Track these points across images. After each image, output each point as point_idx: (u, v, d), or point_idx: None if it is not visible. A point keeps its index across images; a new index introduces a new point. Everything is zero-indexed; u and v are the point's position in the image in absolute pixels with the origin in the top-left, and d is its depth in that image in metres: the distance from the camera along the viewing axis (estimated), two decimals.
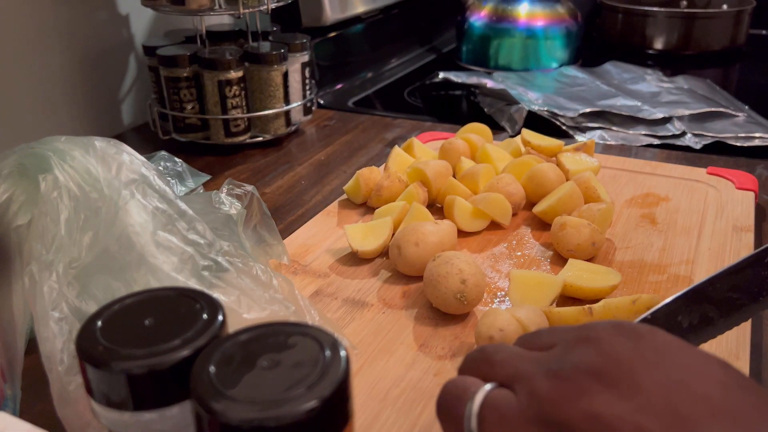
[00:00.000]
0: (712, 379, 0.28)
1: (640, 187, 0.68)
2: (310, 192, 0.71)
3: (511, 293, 0.50)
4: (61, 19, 0.78)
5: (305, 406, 0.23)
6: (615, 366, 0.29)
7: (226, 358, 0.26)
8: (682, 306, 0.43)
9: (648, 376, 0.28)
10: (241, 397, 0.24)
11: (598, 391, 0.28)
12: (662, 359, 0.29)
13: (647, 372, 0.28)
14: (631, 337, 0.30)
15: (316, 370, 0.25)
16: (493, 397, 0.31)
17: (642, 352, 0.29)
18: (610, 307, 0.46)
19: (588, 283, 0.50)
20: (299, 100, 0.84)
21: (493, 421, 0.30)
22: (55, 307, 0.35)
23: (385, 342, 0.47)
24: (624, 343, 0.30)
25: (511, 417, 0.30)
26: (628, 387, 0.28)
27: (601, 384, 0.28)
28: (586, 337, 0.31)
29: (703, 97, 0.94)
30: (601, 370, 0.29)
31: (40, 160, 0.38)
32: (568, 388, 0.29)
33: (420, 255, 0.52)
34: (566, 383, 0.29)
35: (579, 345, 0.30)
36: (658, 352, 0.29)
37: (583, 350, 0.30)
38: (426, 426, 0.40)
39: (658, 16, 1.23)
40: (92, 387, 0.27)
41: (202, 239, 0.41)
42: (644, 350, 0.29)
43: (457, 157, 0.68)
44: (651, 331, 0.31)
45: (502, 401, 0.30)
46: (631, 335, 0.30)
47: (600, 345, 0.30)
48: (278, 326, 0.27)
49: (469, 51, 1.16)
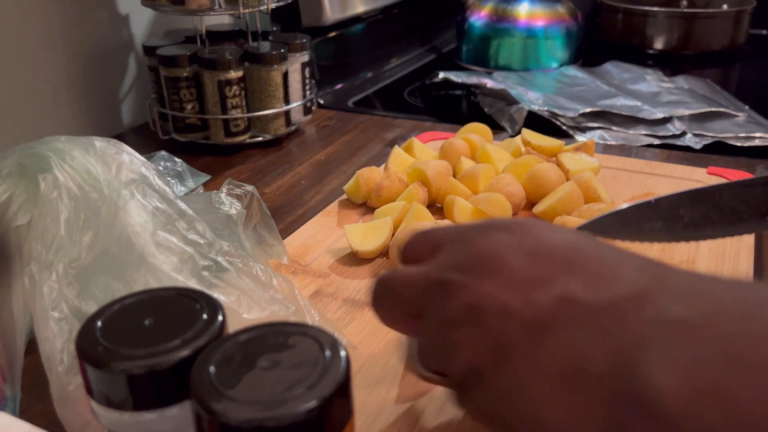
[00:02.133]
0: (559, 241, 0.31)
1: (640, 187, 0.68)
2: (310, 192, 0.71)
3: None
4: (61, 19, 0.78)
5: (305, 406, 0.23)
6: (483, 255, 0.31)
7: (226, 358, 0.26)
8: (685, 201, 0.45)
9: (510, 255, 0.30)
10: (241, 398, 0.24)
11: (472, 283, 0.30)
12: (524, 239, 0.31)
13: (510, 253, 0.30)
14: (498, 229, 0.32)
15: (316, 370, 0.25)
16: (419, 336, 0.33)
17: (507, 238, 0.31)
18: None
19: None
20: (299, 100, 0.84)
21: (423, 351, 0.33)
22: (54, 307, 0.35)
23: (385, 342, 0.47)
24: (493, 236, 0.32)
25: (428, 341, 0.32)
26: (494, 270, 0.30)
27: (474, 275, 0.30)
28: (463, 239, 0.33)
29: (703, 97, 0.94)
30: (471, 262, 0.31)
31: (39, 160, 0.38)
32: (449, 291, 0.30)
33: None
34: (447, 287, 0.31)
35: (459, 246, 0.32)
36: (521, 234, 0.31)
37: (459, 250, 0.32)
38: (426, 426, 0.40)
39: (659, 16, 1.23)
40: (92, 387, 0.27)
41: (202, 239, 0.40)
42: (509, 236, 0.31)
43: (457, 157, 0.68)
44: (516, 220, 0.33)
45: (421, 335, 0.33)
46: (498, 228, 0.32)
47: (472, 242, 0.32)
48: (278, 326, 0.27)
49: (469, 51, 1.16)
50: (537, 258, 0.30)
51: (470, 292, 0.30)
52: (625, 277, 0.28)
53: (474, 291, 0.30)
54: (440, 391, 0.42)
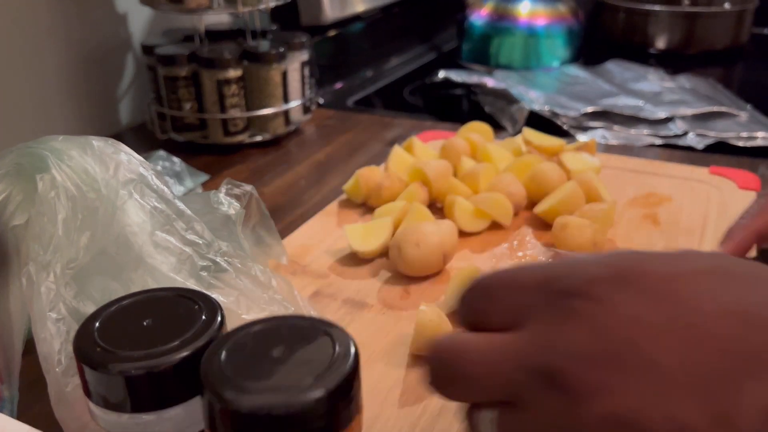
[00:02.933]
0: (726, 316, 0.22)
1: (642, 187, 0.68)
2: (310, 192, 0.71)
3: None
4: (59, 18, 0.78)
5: (313, 394, 0.23)
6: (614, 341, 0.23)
7: (237, 348, 0.26)
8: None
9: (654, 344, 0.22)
10: (251, 386, 0.24)
11: (606, 384, 0.22)
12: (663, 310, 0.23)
13: (652, 340, 0.22)
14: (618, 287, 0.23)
15: (325, 361, 0.25)
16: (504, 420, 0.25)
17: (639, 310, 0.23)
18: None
19: None
20: (298, 99, 0.84)
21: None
22: (52, 308, 0.35)
23: (385, 343, 0.46)
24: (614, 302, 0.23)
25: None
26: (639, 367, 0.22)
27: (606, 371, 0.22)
28: (568, 309, 0.24)
29: (705, 96, 0.94)
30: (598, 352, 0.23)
31: (37, 160, 0.38)
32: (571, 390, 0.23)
33: (421, 255, 0.52)
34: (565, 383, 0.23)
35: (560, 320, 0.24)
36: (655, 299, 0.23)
37: (569, 328, 0.23)
38: (426, 426, 0.39)
39: (660, 15, 1.23)
40: (90, 388, 0.27)
41: (200, 239, 0.40)
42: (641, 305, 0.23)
43: (457, 157, 0.68)
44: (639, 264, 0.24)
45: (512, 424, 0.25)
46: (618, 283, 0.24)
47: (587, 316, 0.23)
48: (289, 319, 0.28)
49: (469, 50, 1.16)
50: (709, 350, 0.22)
51: (613, 395, 0.22)
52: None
53: (620, 394, 0.22)
54: None
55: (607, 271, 0.24)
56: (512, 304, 0.25)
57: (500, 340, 0.25)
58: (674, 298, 0.23)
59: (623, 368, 0.22)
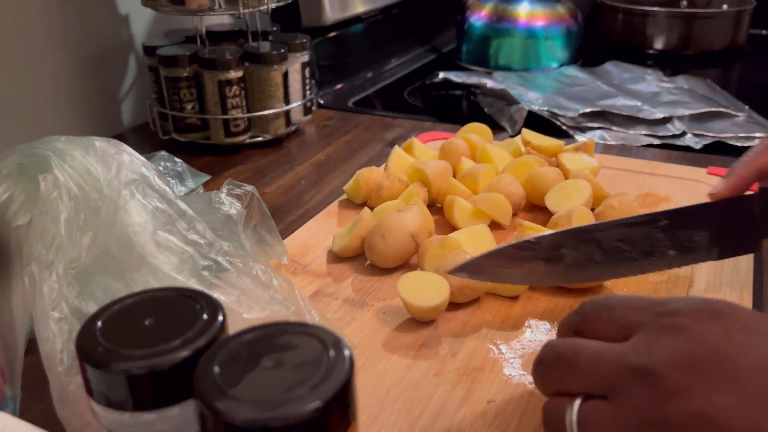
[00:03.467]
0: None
1: (640, 187, 0.68)
2: (310, 192, 0.71)
3: None
4: (61, 19, 0.78)
5: (310, 406, 0.23)
6: (707, 355, 0.28)
7: (230, 357, 0.26)
8: (567, 240, 0.44)
9: (740, 359, 0.27)
10: (245, 397, 0.24)
11: (696, 387, 0.27)
12: (748, 338, 0.28)
13: (740, 357, 0.28)
14: (714, 317, 0.29)
15: (320, 370, 0.25)
16: (587, 412, 0.30)
17: (728, 334, 0.28)
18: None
19: None
20: (299, 100, 0.84)
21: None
22: (54, 308, 0.35)
23: (385, 342, 0.47)
24: (710, 326, 0.29)
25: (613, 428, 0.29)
26: (726, 377, 0.27)
27: (698, 377, 0.27)
28: (670, 325, 0.29)
29: (703, 97, 0.94)
30: (693, 361, 0.28)
31: (39, 160, 0.38)
32: (665, 388, 0.28)
33: (388, 246, 0.53)
34: (661, 382, 0.28)
35: (664, 333, 0.29)
36: (742, 330, 0.29)
37: (670, 340, 0.29)
38: (426, 426, 0.40)
39: (659, 16, 1.23)
40: (92, 387, 0.27)
41: (202, 239, 0.40)
42: (729, 331, 0.29)
43: (457, 157, 0.68)
44: (730, 308, 0.30)
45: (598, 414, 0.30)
46: (714, 315, 0.29)
47: (687, 332, 0.29)
48: (282, 326, 0.27)
49: (469, 51, 1.16)
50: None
51: (698, 396, 0.27)
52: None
53: (704, 397, 0.27)
54: (440, 391, 0.42)
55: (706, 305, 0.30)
56: (625, 321, 0.32)
57: (611, 346, 0.31)
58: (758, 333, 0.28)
59: (712, 375, 0.27)
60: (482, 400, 0.41)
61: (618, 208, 0.57)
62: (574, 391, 0.32)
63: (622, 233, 0.45)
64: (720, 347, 0.28)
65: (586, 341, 0.32)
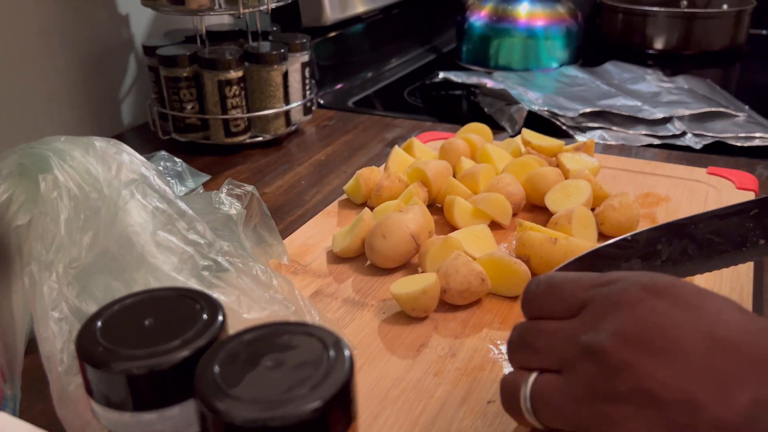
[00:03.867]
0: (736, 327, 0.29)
1: (640, 187, 0.68)
2: (310, 192, 0.71)
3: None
4: (61, 19, 0.78)
5: (310, 406, 0.23)
6: (650, 331, 0.29)
7: (230, 357, 0.26)
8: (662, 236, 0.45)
9: (681, 335, 0.29)
10: (245, 397, 0.24)
11: (639, 363, 0.29)
12: (691, 314, 0.30)
13: (680, 331, 0.29)
14: (658, 294, 0.30)
15: (320, 369, 0.25)
16: (539, 384, 0.33)
17: (671, 311, 0.30)
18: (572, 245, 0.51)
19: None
20: (299, 100, 0.84)
21: (546, 407, 0.32)
22: (54, 307, 0.35)
23: (385, 342, 0.47)
24: (654, 303, 0.30)
25: (562, 400, 0.31)
26: (667, 351, 0.29)
27: (641, 353, 0.29)
28: (617, 302, 0.31)
29: (703, 97, 0.94)
30: (637, 338, 0.29)
31: (40, 160, 0.38)
32: (610, 365, 0.29)
33: (388, 246, 0.53)
34: (607, 359, 0.29)
35: (611, 310, 0.31)
36: (685, 306, 0.30)
37: (616, 317, 0.30)
38: (426, 426, 0.40)
39: (659, 16, 1.23)
40: (92, 387, 0.27)
41: (202, 239, 0.40)
42: (672, 308, 0.30)
43: (457, 157, 0.68)
44: (674, 285, 0.31)
45: (549, 387, 0.32)
46: (658, 291, 0.31)
47: (631, 309, 0.30)
48: (282, 326, 0.27)
49: (469, 51, 1.16)
50: (720, 346, 0.28)
51: (641, 372, 0.29)
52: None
53: (647, 372, 0.28)
54: (440, 391, 0.42)
55: (651, 282, 0.31)
56: (573, 299, 0.33)
57: (562, 324, 0.33)
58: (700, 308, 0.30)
59: (654, 352, 0.29)
60: (482, 400, 0.41)
61: (618, 208, 0.57)
62: (535, 368, 0.34)
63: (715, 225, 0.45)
64: (663, 323, 0.29)
65: (542, 322, 0.34)
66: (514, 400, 0.34)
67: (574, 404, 0.31)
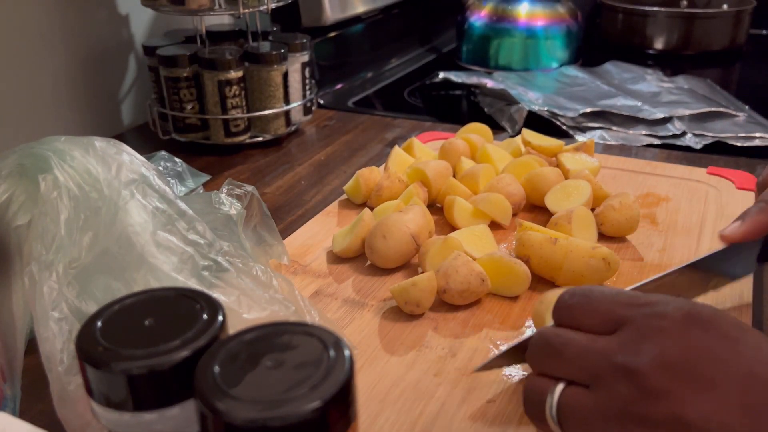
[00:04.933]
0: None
1: (640, 187, 0.68)
2: (310, 192, 0.71)
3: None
4: (61, 19, 0.78)
5: (310, 406, 0.23)
6: (691, 361, 0.29)
7: (230, 357, 0.26)
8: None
9: (722, 368, 0.29)
10: (245, 397, 0.24)
11: (677, 390, 0.29)
12: (732, 348, 0.30)
13: (721, 365, 0.29)
14: (700, 324, 0.30)
15: (320, 370, 0.25)
16: (568, 397, 0.32)
17: (713, 343, 0.30)
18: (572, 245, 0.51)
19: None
20: (299, 100, 0.84)
21: (573, 420, 0.32)
22: (54, 307, 0.35)
23: (385, 342, 0.47)
24: (696, 333, 0.30)
25: (592, 416, 0.31)
26: (706, 382, 0.29)
27: (679, 381, 0.29)
28: (658, 327, 0.31)
29: (703, 97, 0.94)
30: (677, 365, 0.29)
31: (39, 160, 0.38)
32: (647, 388, 0.29)
33: (388, 247, 0.53)
34: (644, 382, 0.29)
35: (650, 334, 0.31)
36: (727, 340, 0.30)
37: (656, 342, 0.30)
38: (426, 426, 0.40)
39: (659, 16, 1.23)
40: (92, 387, 0.27)
41: (202, 239, 0.40)
42: (714, 340, 0.30)
43: (457, 157, 0.68)
44: (716, 316, 0.31)
45: (578, 401, 0.32)
46: (700, 321, 0.31)
47: (673, 336, 0.30)
48: (282, 326, 0.27)
49: (469, 51, 1.16)
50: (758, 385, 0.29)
51: (679, 401, 0.29)
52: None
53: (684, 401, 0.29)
54: (440, 391, 0.42)
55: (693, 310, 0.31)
56: (611, 315, 0.33)
57: (596, 339, 0.32)
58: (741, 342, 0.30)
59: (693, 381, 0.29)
60: (482, 400, 0.41)
61: (618, 209, 0.57)
62: (559, 377, 0.33)
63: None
64: (704, 354, 0.29)
65: (573, 332, 0.34)
66: (539, 407, 0.34)
67: (602, 421, 0.31)
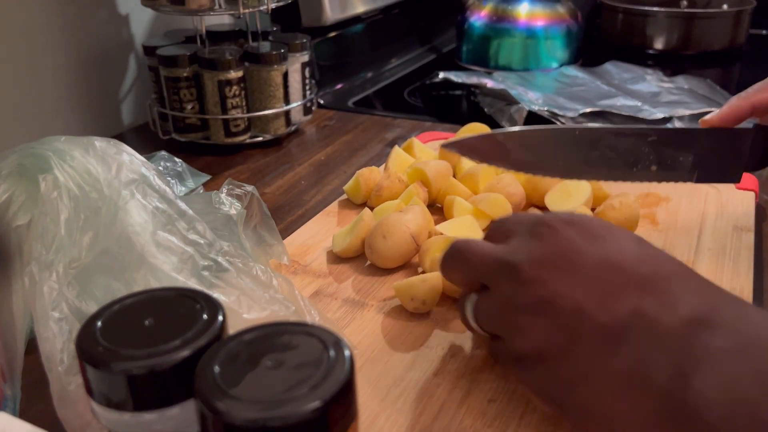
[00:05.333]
0: (629, 253, 0.35)
1: (640, 186, 0.68)
2: (310, 192, 0.71)
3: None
4: (61, 19, 0.78)
5: (310, 405, 0.23)
6: (557, 253, 0.35)
7: (230, 357, 0.26)
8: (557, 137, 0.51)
9: (581, 258, 0.34)
10: (245, 397, 0.24)
11: (544, 278, 0.34)
12: (594, 243, 0.35)
13: (582, 255, 0.34)
14: (572, 227, 0.36)
15: (320, 369, 0.25)
16: (479, 302, 0.39)
17: (579, 239, 0.35)
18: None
19: None
20: (299, 100, 0.84)
21: (482, 319, 0.39)
22: (55, 307, 0.35)
23: (385, 342, 0.47)
24: (567, 233, 0.36)
25: (492, 312, 0.37)
26: (568, 270, 0.34)
27: (546, 269, 0.34)
28: (536, 232, 0.36)
29: (703, 97, 0.94)
30: (547, 257, 0.35)
31: (40, 160, 0.38)
32: (521, 279, 0.35)
33: (389, 246, 0.53)
34: (521, 274, 0.35)
35: (530, 238, 0.36)
36: (592, 236, 0.35)
37: (535, 243, 0.36)
38: (426, 426, 0.40)
39: (659, 16, 1.23)
40: (92, 387, 0.27)
41: (202, 239, 0.41)
42: (581, 237, 0.35)
43: (457, 157, 0.68)
44: (589, 220, 0.37)
45: (483, 302, 0.38)
46: (573, 226, 0.36)
47: (546, 237, 0.36)
48: (282, 326, 0.27)
49: (469, 51, 1.16)
50: (611, 267, 0.34)
51: (544, 285, 0.34)
52: (687, 301, 0.32)
53: (548, 286, 0.34)
54: (440, 391, 0.42)
55: (567, 217, 0.37)
56: (508, 230, 0.39)
57: (493, 246, 0.39)
58: (604, 238, 0.35)
59: (557, 270, 0.34)
60: (482, 400, 0.41)
61: (618, 208, 0.57)
62: (467, 281, 0.40)
63: (612, 141, 0.50)
64: (569, 248, 0.35)
65: (477, 241, 0.40)
66: (464, 315, 0.40)
67: (498, 315, 0.36)
